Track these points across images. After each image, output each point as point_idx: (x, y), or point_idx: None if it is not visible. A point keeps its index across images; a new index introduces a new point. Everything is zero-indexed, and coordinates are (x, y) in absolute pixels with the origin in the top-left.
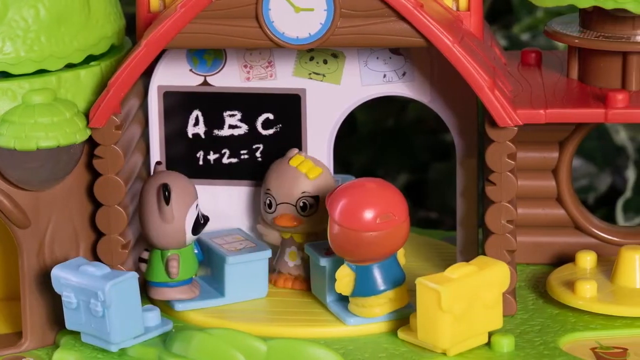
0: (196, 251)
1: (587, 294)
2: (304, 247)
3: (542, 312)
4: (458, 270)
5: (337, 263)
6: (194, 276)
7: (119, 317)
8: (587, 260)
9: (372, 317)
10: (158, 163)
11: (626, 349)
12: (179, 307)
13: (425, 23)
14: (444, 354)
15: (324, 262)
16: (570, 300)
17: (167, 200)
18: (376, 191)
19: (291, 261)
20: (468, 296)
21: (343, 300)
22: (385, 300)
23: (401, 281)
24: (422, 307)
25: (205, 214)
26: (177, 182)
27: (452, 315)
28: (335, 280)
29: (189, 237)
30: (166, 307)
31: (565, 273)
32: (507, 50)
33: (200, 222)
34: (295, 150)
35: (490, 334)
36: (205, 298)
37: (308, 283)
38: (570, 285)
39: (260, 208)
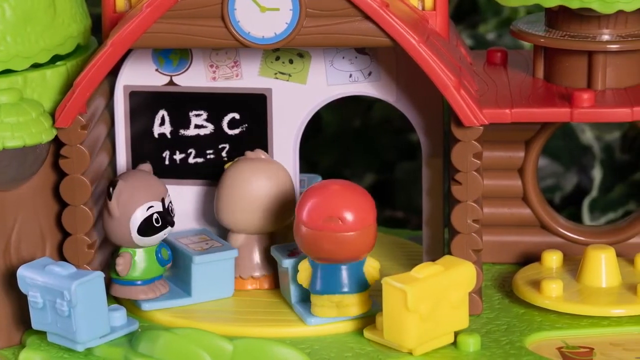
0: (160, 255)
1: (553, 293)
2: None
3: (508, 312)
4: (424, 270)
5: None
6: (156, 277)
7: (85, 317)
8: (553, 259)
9: (327, 317)
10: (143, 162)
11: (592, 349)
12: (145, 306)
13: (390, 23)
14: (410, 353)
15: (286, 263)
16: (536, 299)
17: (109, 196)
18: (340, 192)
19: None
20: (434, 296)
21: (308, 301)
22: (331, 303)
23: (360, 289)
24: (388, 306)
25: (173, 219)
26: (137, 181)
27: (418, 315)
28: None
29: (137, 237)
30: (133, 307)
31: (531, 272)
32: (473, 50)
33: (155, 226)
34: (257, 152)
35: (456, 334)
36: (172, 298)
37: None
38: (536, 284)
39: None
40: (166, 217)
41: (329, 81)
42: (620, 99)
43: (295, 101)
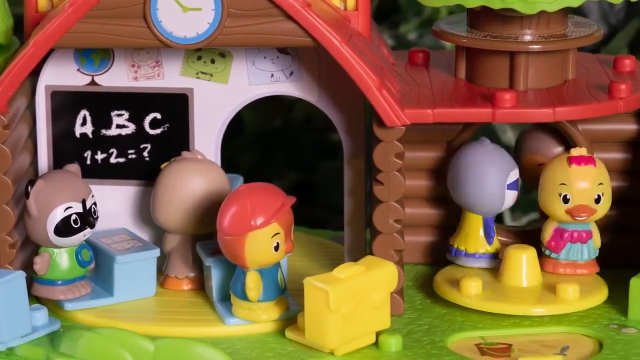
0: (80, 257)
1: (472, 291)
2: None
3: (429, 312)
4: (346, 270)
5: (223, 263)
6: (78, 277)
7: (6, 316)
8: None
9: (245, 319)
10: (71, 162)
11: (511, 345)
12: (68, 306)
13: (312, 23)
14: (332, 353)
15: (209, 262)
16: (456, 298)
17: (27, 194)
18: (232, 197)
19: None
20: (356, 296)
21: (229, 300)
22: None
23: (268, 296)
24: (310, 306)
25: (94, 221)
26: (57, 181)
27: (339, 315)
28: (220, 279)
29: (54, 237)
30: (55, 307)
31: (450, 272)
32: (395, 50)
33: (74, 227)
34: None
35: (378, 334)
36: (94, 297)
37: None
38: (456, 283)
39: (148, 208)
40: (86, 218)
41: (251, 81)
42: (542, 100)
43: (217, 101)
